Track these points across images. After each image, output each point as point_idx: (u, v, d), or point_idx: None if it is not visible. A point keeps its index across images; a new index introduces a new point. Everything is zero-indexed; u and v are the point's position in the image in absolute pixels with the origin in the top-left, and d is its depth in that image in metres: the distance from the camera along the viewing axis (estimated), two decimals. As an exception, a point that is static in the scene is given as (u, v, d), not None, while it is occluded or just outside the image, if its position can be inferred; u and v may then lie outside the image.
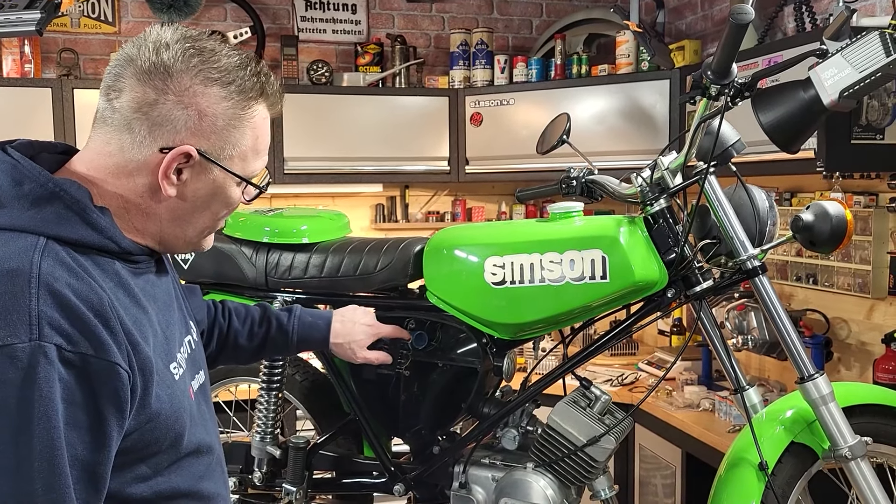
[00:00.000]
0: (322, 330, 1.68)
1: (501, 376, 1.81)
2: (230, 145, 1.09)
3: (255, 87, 1.10)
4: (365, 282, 1.87)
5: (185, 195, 1.09)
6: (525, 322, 1.72)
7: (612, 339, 1.77)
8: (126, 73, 1.06)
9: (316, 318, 1.69)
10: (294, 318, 1.65)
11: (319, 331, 1.67)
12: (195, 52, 1.06)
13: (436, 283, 1.80)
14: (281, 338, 1.63)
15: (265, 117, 1.14)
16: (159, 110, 1.04)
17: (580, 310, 1.68)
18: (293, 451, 1.89)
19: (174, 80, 1.05)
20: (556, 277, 1.65)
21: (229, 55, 1.09)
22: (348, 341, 1.70)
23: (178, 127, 1.05)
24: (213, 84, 1.06)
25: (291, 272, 1.93)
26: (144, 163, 1.06)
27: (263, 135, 1.14)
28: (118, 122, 1.05)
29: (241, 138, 1.10)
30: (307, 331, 1.66)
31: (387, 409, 1.91)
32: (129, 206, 1.08)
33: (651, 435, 2.99)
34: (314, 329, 1.67)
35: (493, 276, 1.71)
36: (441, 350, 1.86)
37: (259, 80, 1.11)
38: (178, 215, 1.11)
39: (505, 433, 1.83)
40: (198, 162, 1.07)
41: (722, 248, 1.64)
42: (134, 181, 1.07)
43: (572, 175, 1.84)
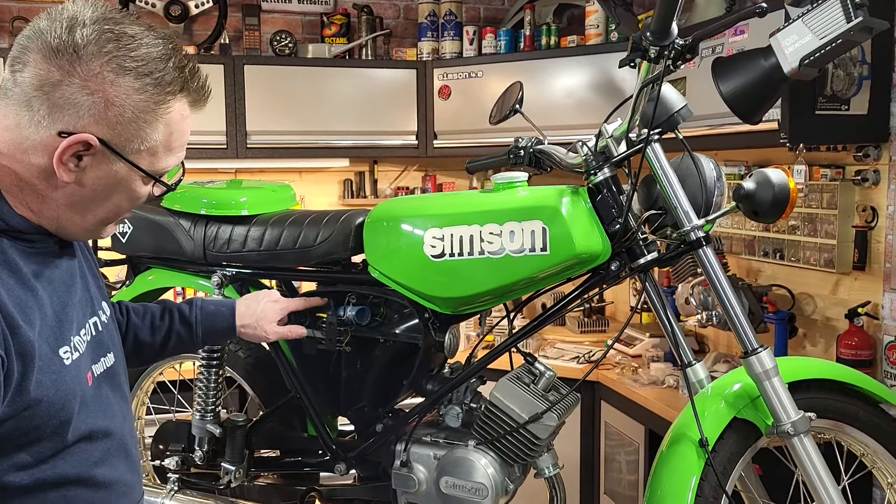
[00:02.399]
0: (227, 317, 1.61)
1: (443, 351, 1.75)
2: (139, 139, 1.04)
3: (176, 81, 1.05)
4: (305, 255, 1.80)
5: (83, 183, 1.04)
6: (465, 296, 1.66)
7: (556, 313, 1.72)
8: (33, 46, 1.00)
9: (219, 306, 1.62)
10: (196, 308, 1.59)
11: (224, 318, 1.61)
12: (112, 37, 1.00)
13: (377, 257, 1.74)
14: (185, 330, 1.56)
15: (184, 114, 1.09)
16: (62, 92, 0.99)
17: (522, 283, 1.63)
18: (231, 430, 1.84)
19: (83, 64, 0.99)
20: (496, 249, 1.59)
21: (152, 44, 1.03)
22: (256, 320, 1.63)
23: (80, 112, 1.00)
24: (127, 74, 1.01)
25: (230, 245, 1.86)
26: (41, 143, 1.01)
27: (179, 131, 1.09)
28: (18, 97, 1.00)
29: (152, 133, 1.05)
30: (211, 319, 1.59)
31: (328, 386, 1.86)
32: (22, 184, 1.03)
33: (615, 412, 2.95)
34: (218, 317, 1.60)
35: (432, 249, 1.65)
36: (383, 325, 1.80)
37: (182, 74, 1.05)
38: (76, 202, 1.06)
39: (448, 410, 1.78)
40: (99, 151, 1.02)
41: (668, 220, 1.58)
42: (29, 160, 1.02)
43: (520, 144, 1.78)
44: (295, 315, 1.77)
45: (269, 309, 1.67)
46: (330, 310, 1.80)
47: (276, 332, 1.67)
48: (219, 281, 1.85)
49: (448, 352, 1.76)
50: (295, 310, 1.75)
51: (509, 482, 1.70)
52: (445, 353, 1.75)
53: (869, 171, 2.36)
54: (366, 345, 1.82)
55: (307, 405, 1.84)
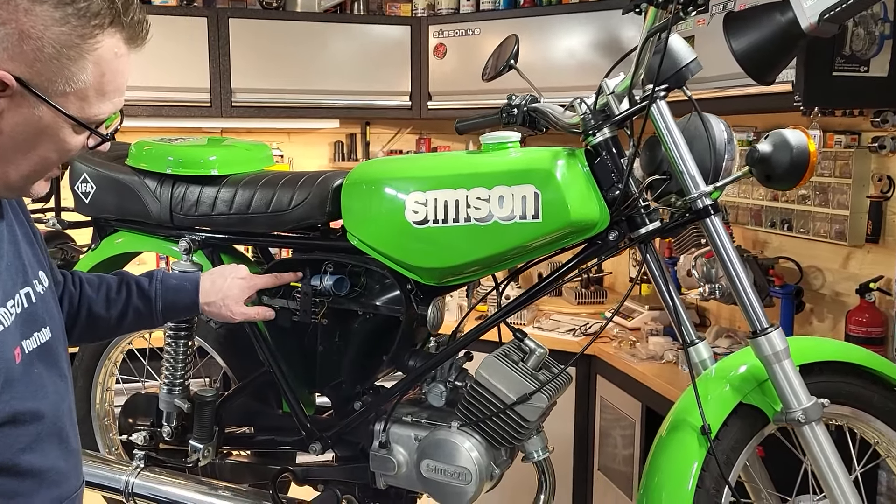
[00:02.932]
0: (189, 293, 1.48)
1: (426, 325, 1.62)
2: (63, 79, 0.91)
3: (105, 12, 0.91)
4: (278, 219, 1.67)
5: (0, 130, 0.91)
6: (450, 266, 1.53)
7: (548, 285, 1.58)
8: None
9: (182, 281, 1.50)
10: (156, 282, 1.46)
11: (186, 294, 1.48)
12: None
13: (355, 223, 1.60)
14: (144, 305, 1.44)
15: (118, 52, 0.95)
16: None
17: (512, 252, 1.49)
18: (199, 406, 1.72)
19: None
20: (483, 216, 1.45)
21: None
22: (221, 298, 1.51)
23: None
24: (43, 2, 0.87)
25: (198, 208, 1.73)
26: None
27: (113, 72, 0.95)
28: None
29: (78, 73, 0.91)
30: (172, 295, 1.46)
31: (303, 361, 1.73)
32: None
33: (612, 387, 2.84)
34: (180, 292, 1.47)
35: (414, 215, 1.51)
36: (363, 297, 1.67)
37: (112, 5, 0.91)
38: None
39: (431, 388, 1.65)
40: (17, 92, 0.89)
41: (672, 186, 1.44)
42: None
43: (514, 103, 1.63)
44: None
45: (235, 286, 1.54)
46: (305, 279, 1.67)
47: (243, 313, 1.55)
48: (187, 246, 1.72)
49: (431, 326, 1.63)
50: (264, 287, 1.62)
51: (495, 466, 1.59)
52: (429, 328, 1.63)
53: (887, 137, 2.21)
54: (344, 317, 1.69)
55: (281, 381, 1.72)
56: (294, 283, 1.68)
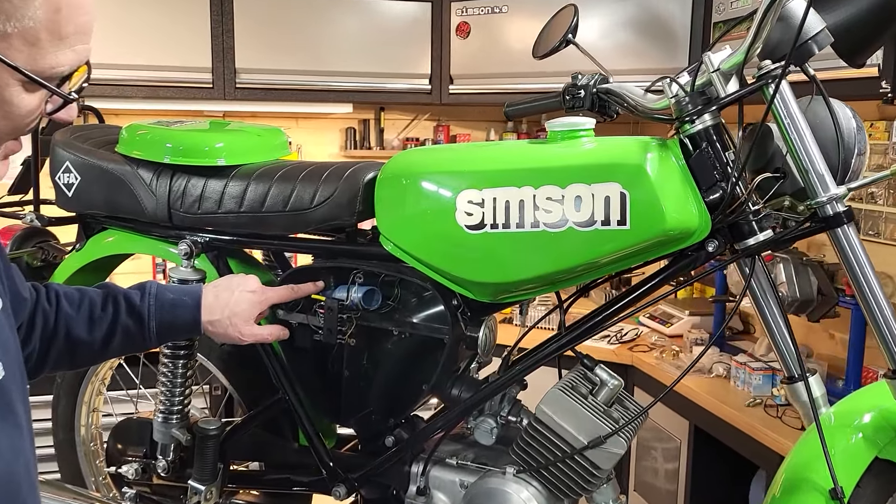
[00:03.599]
0: (189, 309, 1.22)
1: (476, 350, 1.35)
2: (2, 15, 0.66)
3: None
4: (298, 220, 1.39)
5: None
6: (510, 281, 1.25)
7: (627, 305, 1.31)
8: None
9: (180, 295, 1.24)
10: (149, 296, 1.20)
11: (186, 310, 1.22)
12: None
13: (392, 225, 1.33)
14: (135, 324, 1.18)
15: None
16: None
17: (585, 267, 1.22)
18: (202, 441, 1.45)
19: None
20: (556, 221, 1.18)
21: None
22: (227, 316, 1.25)
23: None
24: None
25: (201, 204, 1.45)
26: None
27: (73, 7, 0.69)
28: None
29: (23, 7, 0.67)
30: (169, 312, 1.21)
31: (325, 387, 1.46)
32: None
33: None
34: (178, 308, 1.22)
35: (467, 218, 1.24)
36: (398, 313, 1.40)
37: None
38: None
39: (479, 424, 1.39)
40: None
41: (787, 186, 1.17)
42: None
43: (580, 83, 1.36)
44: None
45: (244, 301, 1.28)
46: (330, 291, 1.40)
47: (253, 335, 1.30)
48: (187, 249, 1.44)
49: (483, 350, 1.36)
50: (278, 301, 1.35)
51: (557, 520, 1.32)
52: (479, 352, 1.35)
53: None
54: (374, 337, 1.42)
55: (298, 410, 1.45)
56: (316, 296, 1.41)
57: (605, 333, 2.91)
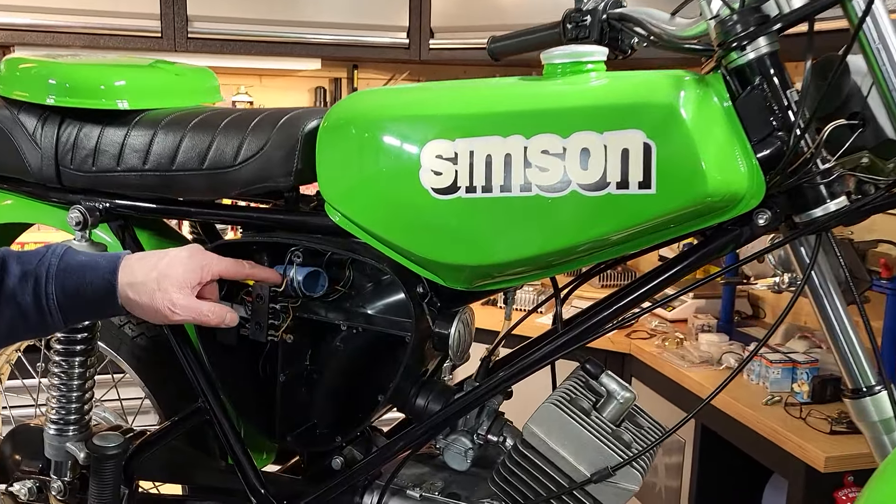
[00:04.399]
0: (102, 270, 0.90)
1: (446, 351, 1.05)
2: None
3: None
4: (218, 181, 1.07)
5: None
6: (490, 264, 0.94)
7: (645, 295, 1.00)
8: None
9: (94, 256, 0.93)
10: (52, 255, 0.90)
11: (98, 271, 0.90)
12: None
13: (338, 190, 1.02)
14: (30, 294, 0.87)
15: None
16: None
17: (591, 246, 0.91)
18: (98, 462, 1.14)
19: None
20: (554, 183, 0.87)
21: None
22: (156, 278, 0.93)
23: None
24: None
25: (97, 160, 1.13)
26: None
27: None
28: None
29: None
30: (76, 274, 0.89)
31: (255, 394, 1.15)
32: None
33: (653, 396, 2.29)
34: (88, 270, 0.90)
35: (434, 178, 0.92)
36: (348, 301, 1.09)
37: None
38: None
39: (451, 444, 1.08)
40: None
41: (867, 138, 0.87)
42: None
43: (585, 7, 1.04)
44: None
45: (178, 263, 0.96)
46: (260, 273, 1.09)
47: (189, 307, 0.96)
48: (80, 218, 1.12)
49: (454, 351, 1.05)
50: (224, 274, 1.02)
51: (549, 572, 1.02)
52: (451, 354, 1.05)
53: None
54: (318, 332, 1.12)
55: (220, 422, 1.14)
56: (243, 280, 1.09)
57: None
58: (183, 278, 0.95)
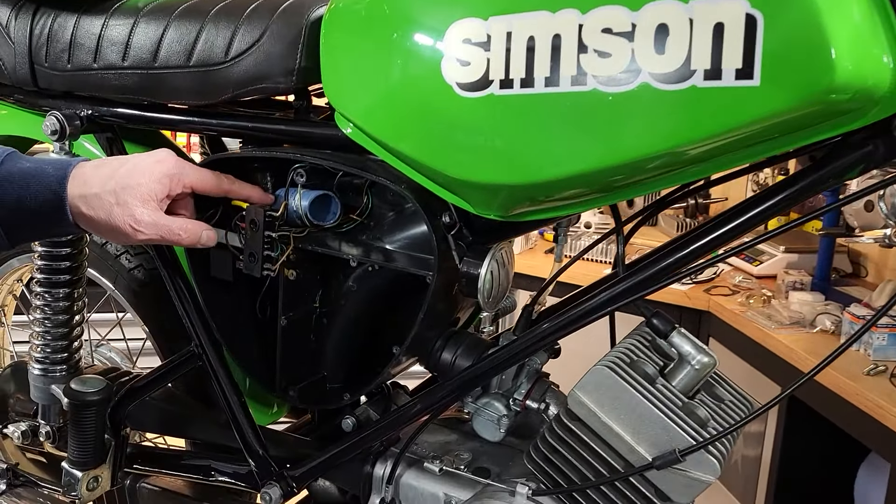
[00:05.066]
0: (51, 181, 0.74)
1: (475, 294, 0.84)
2: None
3: None
4: (207, 81, 0.88)
5: None
6: (532, 183, 0.73)
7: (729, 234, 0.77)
8: None
9: (41, 164, 0.77)
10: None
11: (44, 178, 0.74)
12: None
13: (348, 93, 0.81)
14: None
15: None
16: None
17: (664, 160, 0.68)
18: (77, 409, 0.99)
19: None
20: (620, 73, 0.64)
21: None
22: (114, 189, 0.76)
23: None
24: None
25: (72, 55, 0.95)
26: None
27: None
28: None
29: None
30: (19, 183, 0.73)
31: (255, 340, 0.98)
32: None
33: (734, 360, 2.04)
34: (33, 178, 0.74)
35: (461, 70, 0.71)
36: (364, 234, 0.90)
37: None
38: None
39: (481, 408, 0.89)
40: None
41: None
42: None
43: None
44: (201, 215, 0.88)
45: (144, 171, 0.78)
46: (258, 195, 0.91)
47: (154, 223, 0.78)
48: (56, 126, 0.95)
49: (485, 297, 0.84)
50: (198, 187, 0.84)
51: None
52: (483, 300, 0.84)
53: None
54: (327, 269, 0.93)
55: (214, 372, 0.97)
56: (235, 203, 0.91)
57: (675, 270, 2.36)
58: (147, 189, 0.77)
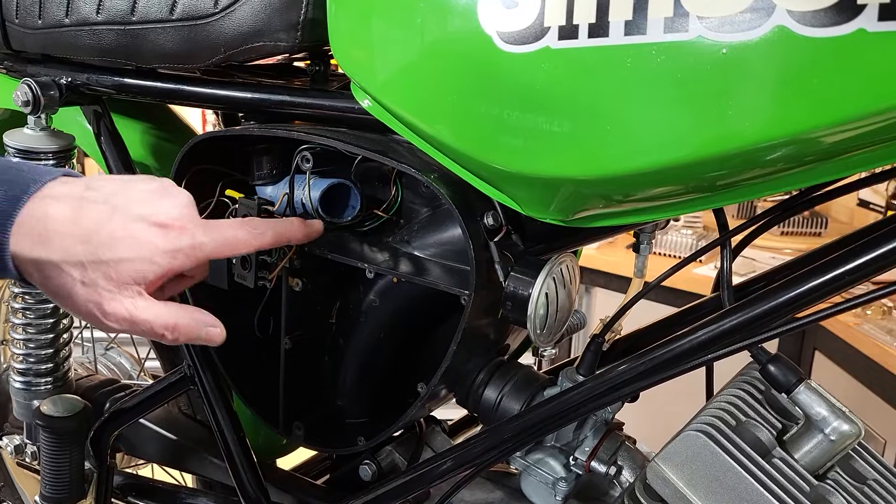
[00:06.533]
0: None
1: (524, 323, 0.63)
2: None
3: None
4: (193, 39, 0.70)
5: None
6: (607, 176, 0.51)
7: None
8: None
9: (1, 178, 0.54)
10: None
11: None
12: None
13: (360, 55, 0.61)
14: None
15: None
16: None
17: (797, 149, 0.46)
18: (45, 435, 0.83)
19: None
20: (739, 11, 0.42)
21: None
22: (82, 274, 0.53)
23: None
24: None
25: (43, 11, 0.78)
26: None
27: None
28: None
29: None
30: None
31: (255, 364, 0.80)
32: None
33: (845, 378, 1.76)
34: None
35: (505, 16, 0.50)
36: (389, 235, 0.71)
37: None
38: None
39: (533, 467, 0.68)
40: None
41: None
42: None
43: None
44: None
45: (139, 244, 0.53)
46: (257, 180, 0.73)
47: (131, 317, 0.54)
48: (27, 95, 0.79)
49: (536, 325, 0.63)
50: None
51: None
52: (530, 329, 0.63)
53: None
54: (340, 276, 0.74)
55: (207, 398, 0.80)
56: (231, 192, 0.73)
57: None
58: (133, 272, 0.53)
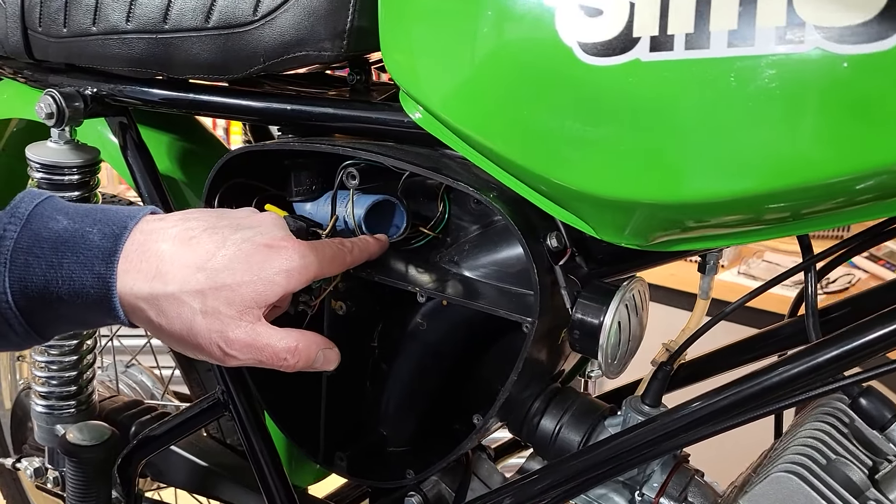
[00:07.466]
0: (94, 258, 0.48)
1: (594, 353, 0.59)
2: None
3: None
4: (231, 48, 0.66)
5: None
6: (698, 202, 0.47)
7: None
8: None
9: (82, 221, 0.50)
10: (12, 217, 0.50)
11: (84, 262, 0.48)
12: None
13: (415, 65, 0.57)
14: None
15: None
16: None
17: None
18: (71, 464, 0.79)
19: None
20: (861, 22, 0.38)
21: None
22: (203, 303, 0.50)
23: None
24: None
25: (68, 19, 0.74)
26: None
27: None
28: None
29: None
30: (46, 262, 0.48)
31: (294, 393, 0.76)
32: None
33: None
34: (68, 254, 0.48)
35: (588, 25, 0.46)
36: (438, 254, 0.67)
37: None
38: None
39: (596, 502, 0.64)
40: None
41: None
42: None
43: None
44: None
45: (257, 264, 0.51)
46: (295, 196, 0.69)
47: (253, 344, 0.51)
48: (51, 107, 0.75)
49: (609, 358, 0.59)
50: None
51: None
52: (600, 359, 0.59)
53: None
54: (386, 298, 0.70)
55: (242, 425, 0.75)
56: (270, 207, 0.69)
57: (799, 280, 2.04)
58: (254, 293, 0.50)
